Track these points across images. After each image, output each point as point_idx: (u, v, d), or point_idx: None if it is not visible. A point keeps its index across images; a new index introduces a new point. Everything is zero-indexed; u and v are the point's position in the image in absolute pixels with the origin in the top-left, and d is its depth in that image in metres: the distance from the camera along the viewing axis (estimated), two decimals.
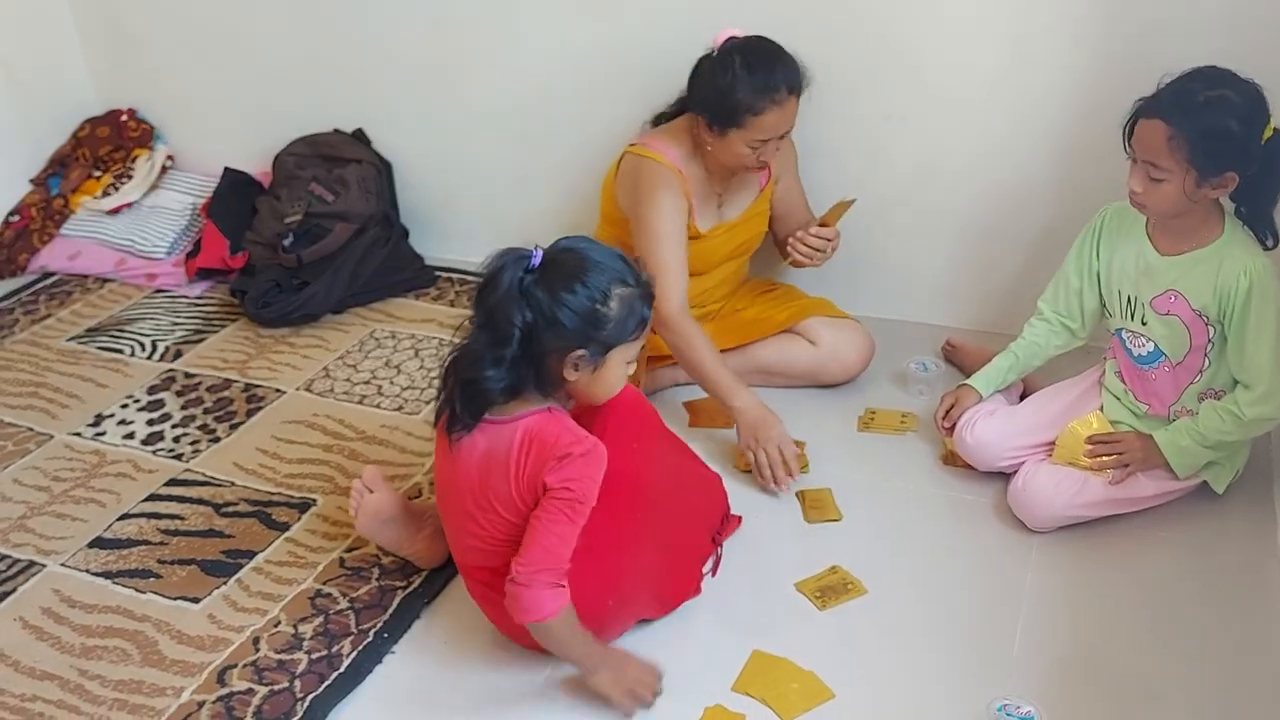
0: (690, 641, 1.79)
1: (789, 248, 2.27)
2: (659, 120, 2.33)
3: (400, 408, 2.45)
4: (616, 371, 1.64)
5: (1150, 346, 1.93)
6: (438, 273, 3.00)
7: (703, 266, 2.32)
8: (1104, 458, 1.93)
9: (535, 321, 1.54)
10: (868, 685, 1.69)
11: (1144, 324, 1.92)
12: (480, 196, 2.95)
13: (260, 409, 2.47)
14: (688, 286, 2.22)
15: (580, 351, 1.58)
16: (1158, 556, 1.91)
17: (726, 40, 2.12)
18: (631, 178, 2.25)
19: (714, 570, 1.91)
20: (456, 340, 1.65)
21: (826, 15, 2.41)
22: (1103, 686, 1.68)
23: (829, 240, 2.24)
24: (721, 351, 2.32)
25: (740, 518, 2.02)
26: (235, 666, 1.77)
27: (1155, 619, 1.80)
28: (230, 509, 2.15)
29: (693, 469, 1.96)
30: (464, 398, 1.60)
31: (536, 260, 1.55)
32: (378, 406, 2.46)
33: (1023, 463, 2.02)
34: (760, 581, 1.91)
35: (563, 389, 1.64)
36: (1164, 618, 1.80)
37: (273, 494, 2.19)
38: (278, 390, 2.54)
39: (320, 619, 1.87)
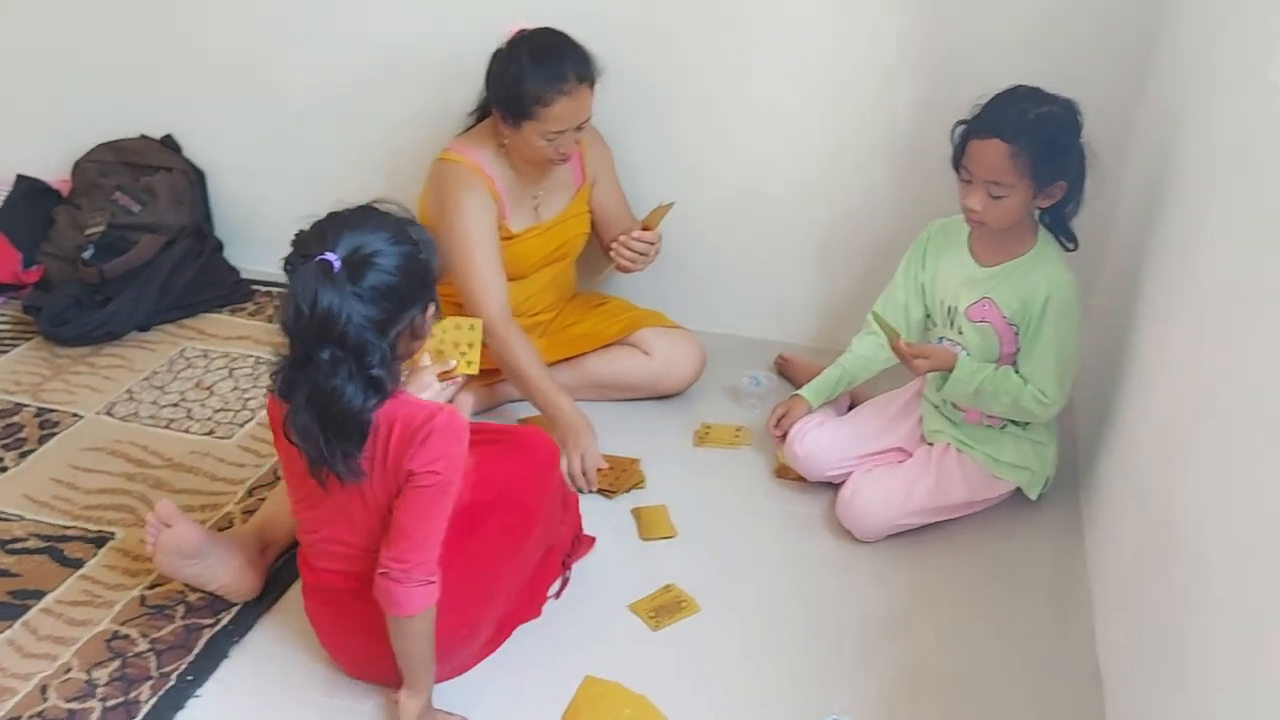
0: (520, 666, 1.74)
1: (613, 252, 2.26)
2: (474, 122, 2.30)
3: (211, 432, 2.30)
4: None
5: (965, 355, 1.99)
6: (255, 287, 2.85)
7: (520, 270, 2.28)
8: (902, 354, 1.95)
9: (383, 310, 1.42)
10: (700, 706, 1.67)
11: (960, 333, 1.98)
12: (300, 206, 2.75)
13: (54, 435, 2.28)
14: (506, 291, 2.19)
15: (430, 307, 1.50)
16: (978, 562, 1.97)
17: (516, 33, 2.12)
18: (435, 184, 2.21)
19: (559, 593, 1.87)
20: (298, 408, 1.45)
21: (651, 31, 2.41)
22: (929, 693, 1.71)
23: (651, 244, 2.24)
24: (554, 364, 2.31)
25: (594, 539, 1.98)
26: (19, 719, 1.61)
27: (977, 623, 1.84)
28: (18, 545, 1.97)
29: (560, 489, 1.91)
30: (344, 438, 1.45)
31: (338, 262, 1.40)
32: (186, 431, 2.31)
33: (850, 473, 2.05)
34: (594, 603, 1.87)
35: (401, 367, 1.52)
36: (985, 621, 1.85)
37: (67, 528, 2.02)
38: (75, 415, 2.35)
39: (117, 663, 1.72)
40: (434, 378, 1.66)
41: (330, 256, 1.39)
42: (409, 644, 1.54)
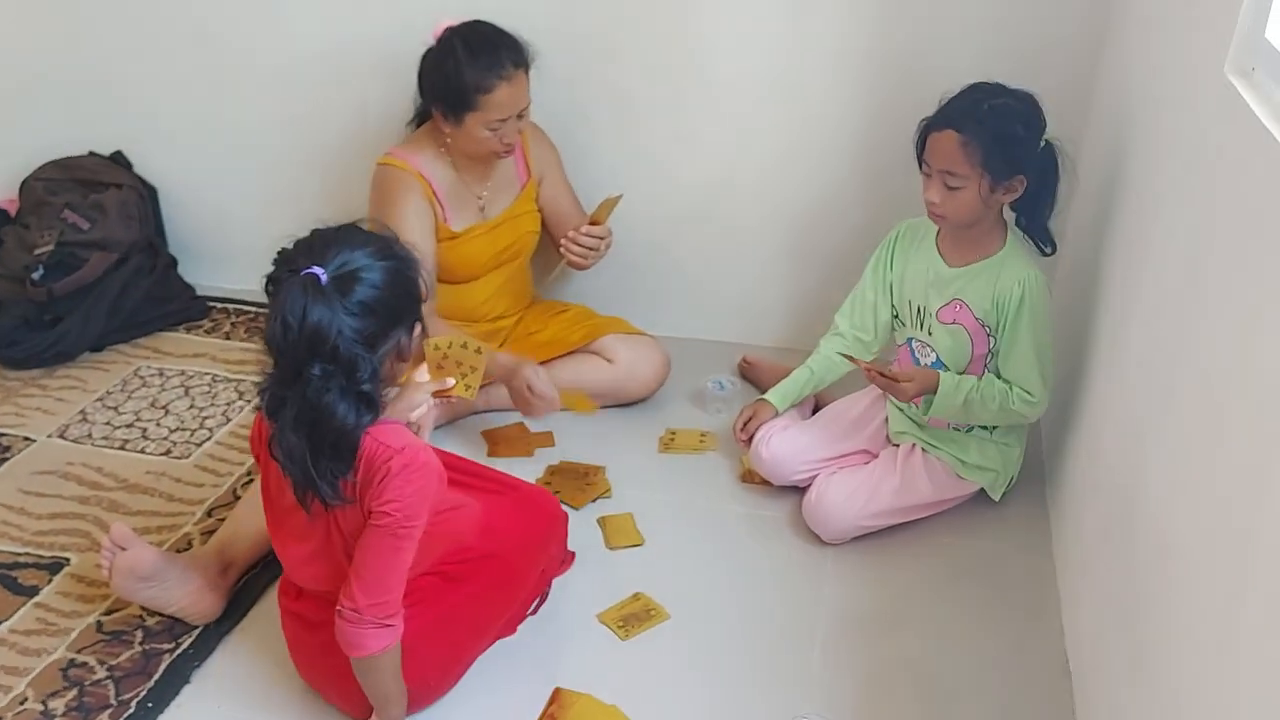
0: (490, 681, 1.72)
1: (562, 248, 2.25)
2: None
3: (168, 452, 2.26)
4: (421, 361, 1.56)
5: (934, 357, 2.00)
6: (210, 303, 2.81)
7: (467, 271, 2.26)
8: (879, 381, 1.94)
9: (372, 324, 1.39)
10: (672, 714, 1.66)
11: (930, 334, 1.98)
12: (255, 219, 2.78)
13: (5, 460, 2.23)
14: (434, 290, 2.19)
15: (416, 327, 1.48)
16: (945, 560, 1.98)
17: (444, 30, 2.14)
18: (374, 189, 2.23)
19: (536, 609, 1.85)
20: (285, 428, 1.42)
21: (611, 36, 2.41)
22: (901, 691, 1.71)
23: (601, 238, 2.23)
24: None
25: (574, 554, 1.95)
26: None
27: (947, 620, 1.85)
28: None
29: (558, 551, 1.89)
30: (334, 457, 1.42)
31: (325, 276, 1.37)
32: (142, 451, 2.26)
33: (815, 475, 2.05)
34: (562, 614, 1.85)
35: (388, 388, 1.49)
36: (953, 619, 1.85)
37: (18, 555, 1.97)
38: (26, 439, 2.30)
39: (74, 692, 1.68)
40: (427, 395, 1.61)
41: (317, 270, 1.37)
42: (371, 679, 1.52)
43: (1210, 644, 1.11)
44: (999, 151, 1.78)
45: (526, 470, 2.19)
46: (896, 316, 2.08)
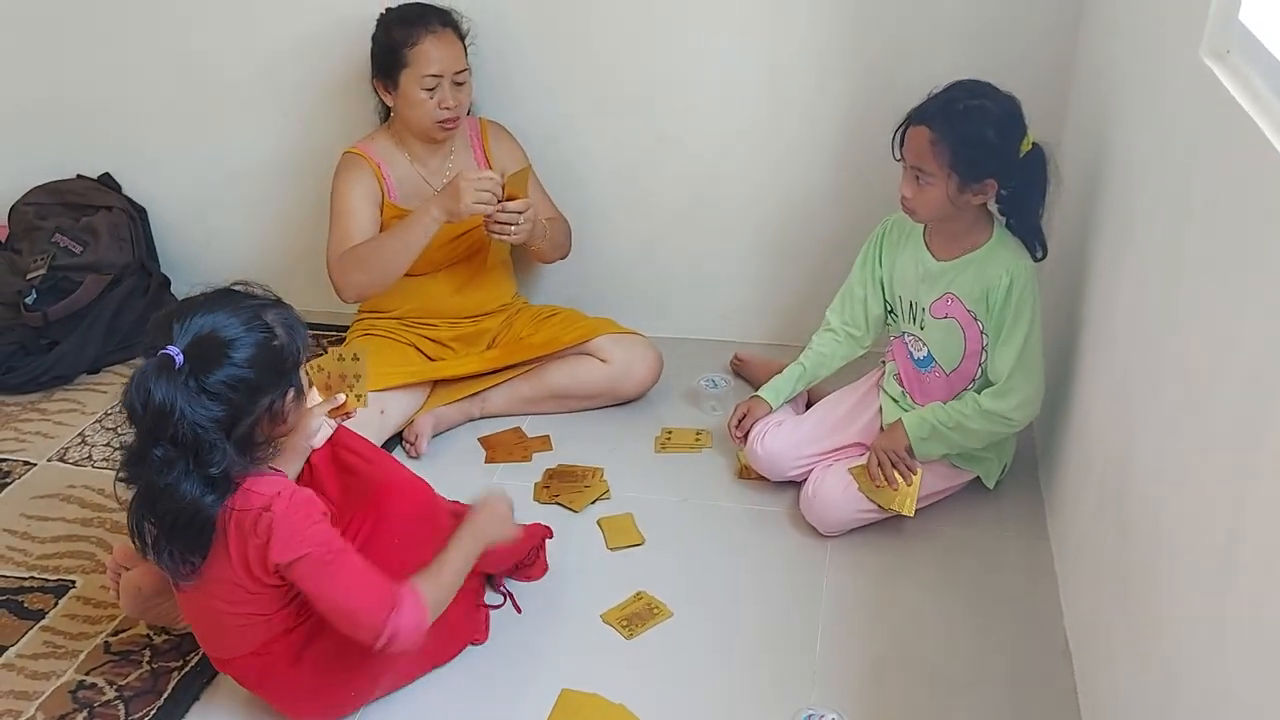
0: (497, 682, 1.73)
1: (484, 228, 2.24)
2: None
3: None
4: (309, 389, 1.53)
5: (925, 351, 2.01)
6: None
7: (427, 258, 2.24)
8: (885, 474, 1.95)
9: (230, 405, 1.38)
10: (678, 711, 1.67)
11: (921, 328, 2.00)
12: (245, 237, 2.79)
13: (6, 486, 2.24)
14: (400, 287, 2.27)
15: (289, 393, 1.46)
16: (942, 549, 1.99)
17: (382, 12, 2.29)
18: (334, 174, 2.33)
19: (511, 605, 1.87)
20: (121, 491, 1.44)
21: (592, 38, 2.42)
22: (902, 682, 1.73)
23: (520, 212, 2.20)
24: (512, 369, 2.38)
25: (546, 567, 1.95)
26: None
27: (946, 608, 1.86)
28: None
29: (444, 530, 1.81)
30: (186, 540, 1.42)
31: (179, 357, 1.36)
32: None
33: (811, 470, 2.06)
34: (566, 615, 1.86)
35: (269, 447, 1.48)
36: (953, 606, 1.87)
37: (24, 579, 1.98)
38: (26, 463, 2.31)
39: (84, 713, 1.69)
40: (322, 416, 1.61)
41: (172, 350, 1.35)
42: (448, 597, 1.56)
43: (1203, 616, 1.12)
44: (967, 154, 1.77)
45: (524, 475, 2.21)
46: (891, 311, 2.09)
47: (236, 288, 1.48)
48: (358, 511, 1.62)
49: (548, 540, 1.95)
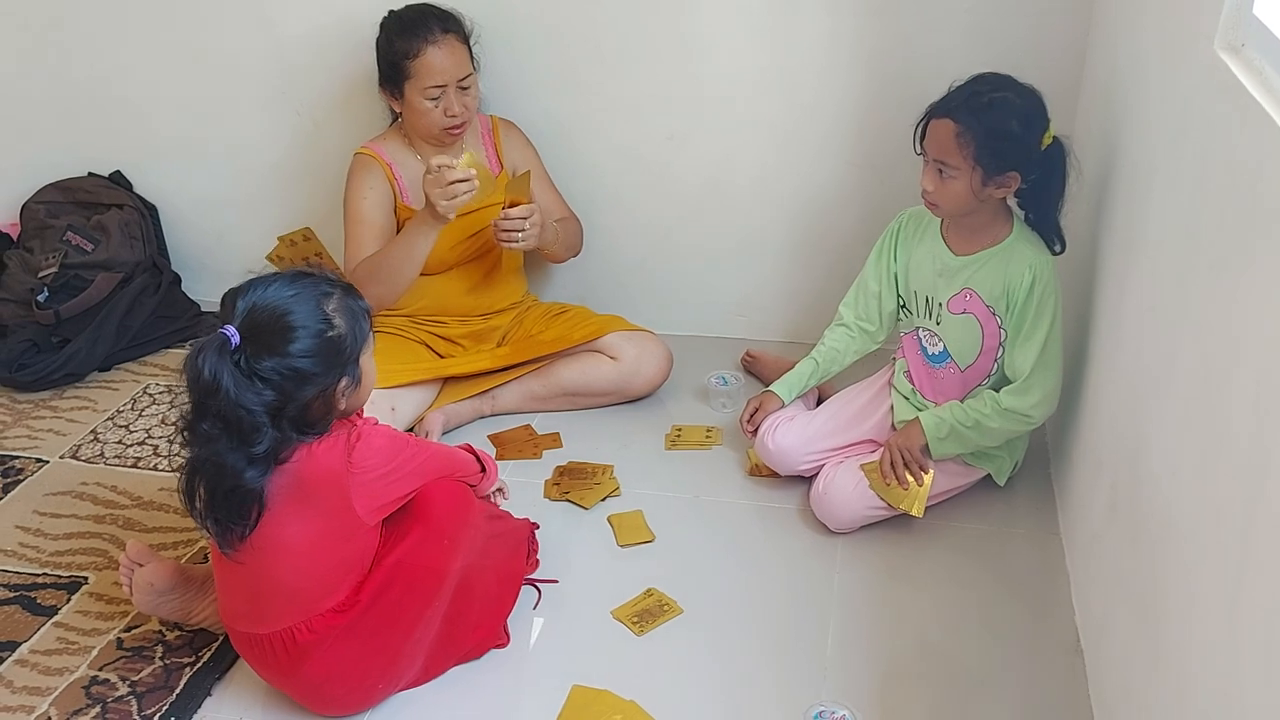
0: (507, 679, 1.74)
1: (495, 239, 2.26)
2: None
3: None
4: (370, 370, 1.58)
5: (941, 347, 2.00)
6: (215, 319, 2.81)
7: (435, 257, 2.25)
8: (896, 473, 1.95)
9: (280, 390, 1.42)
10: (689, 707, 1.67)
11: (938, 323, 1.99)
12: (255, 234, 2.79)
13: (20, 483, 2.25)
14: (415, 284, 2.26)
15: (343, 381, 1.50)
16: (953, 546, 1.99)
17: (385, 17, 2.26)
18: (347, 176, 2.32)
19: (535, 604, 1.88)
20: (180, 454, 1.49)
21: (602, 35, 2.42)
22: (913, 680, 1.72)
23: (524, 218, 2.21)
24: (523, 366, 2.38)
25: (537, 562, 1.95)
26: None
27: (958, 605, 1.86)
28: None
29: (503, 532, 1.86)
30: (229, 510, 1.46)
31: (235, 337, 1.40)
32: (155, 469, 2.28)
33: (822, 466, 2.06)
34: (577, 613, 1.86)
35: (320, 426, 1.53)
36: (964, 603, 1.86)
37: (37, 576, 1.99)
38: (39, 460, 2.32)
39: (97, 709, 1.70)
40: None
41: (229, 331, 1.39)
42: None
43: (1216, 614, 1.12)
44: (992, 146, 1.77)
45: (535, 472, 2.22)
46: (904, 306, 2.08)
47: (309, 271, 1.50)
48: (401, 516, 1.64)
49: (549, 538, 1.96)
